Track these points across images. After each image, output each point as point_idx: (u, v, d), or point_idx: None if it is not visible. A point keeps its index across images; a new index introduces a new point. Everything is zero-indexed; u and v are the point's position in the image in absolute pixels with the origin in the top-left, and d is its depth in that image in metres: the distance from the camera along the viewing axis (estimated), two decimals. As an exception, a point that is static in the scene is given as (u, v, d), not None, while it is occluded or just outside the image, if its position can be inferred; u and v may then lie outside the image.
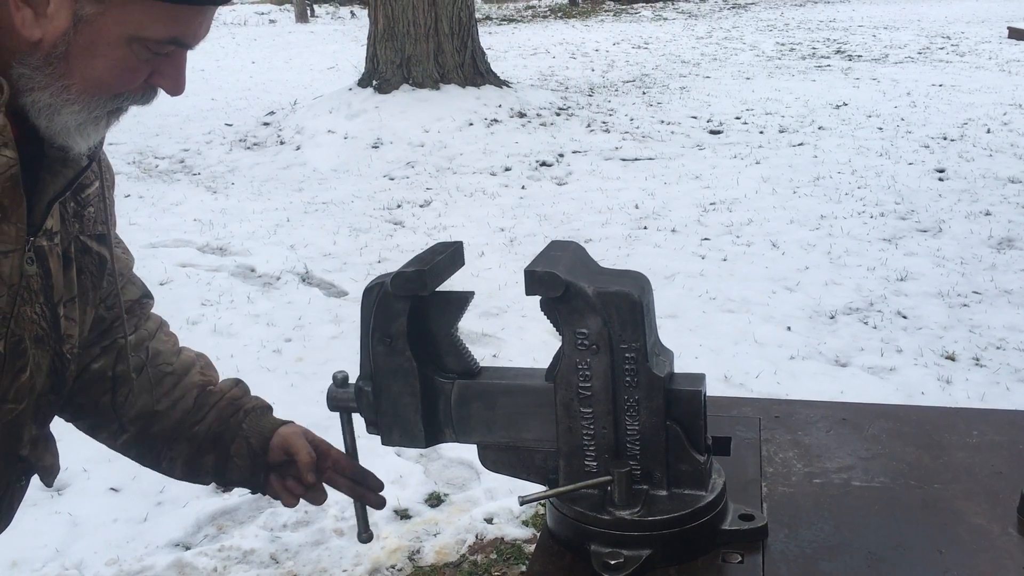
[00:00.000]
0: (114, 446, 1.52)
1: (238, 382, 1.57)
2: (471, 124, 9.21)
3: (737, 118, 9.74)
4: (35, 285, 1.21)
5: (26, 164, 1.13)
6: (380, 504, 1.51)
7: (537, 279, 1.14)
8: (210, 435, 1.49)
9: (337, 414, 1.38)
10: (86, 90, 1.12)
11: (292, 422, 1.54)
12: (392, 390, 1.26)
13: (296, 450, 1.47)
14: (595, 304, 1.14)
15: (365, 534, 1.48)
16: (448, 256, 1.25)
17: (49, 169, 1.18)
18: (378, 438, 1.31)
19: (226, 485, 1.56)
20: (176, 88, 1.19)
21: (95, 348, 1.44)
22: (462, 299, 1.25)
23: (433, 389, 1.26)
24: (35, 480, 1.39)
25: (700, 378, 1.19)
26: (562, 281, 1.13)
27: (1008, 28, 15.24)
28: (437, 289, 1.23)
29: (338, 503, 3.30)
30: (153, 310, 1.57)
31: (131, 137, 9.74)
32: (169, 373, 1.50)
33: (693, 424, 1.17)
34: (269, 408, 1.57)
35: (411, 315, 1.22)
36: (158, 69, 1.16)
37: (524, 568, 2.96)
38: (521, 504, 1.22)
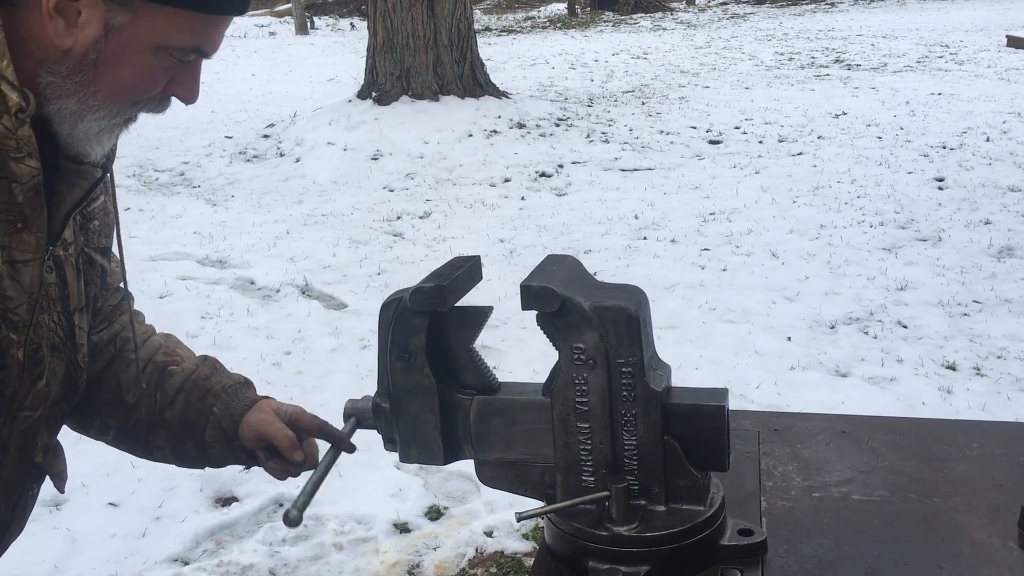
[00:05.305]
0: (107, 442, 1.50)
1: (205, 359, 1.51)
2: (470, 135, 9.22)
3: (736, 128, 9.75)
4: (53, 294, 1.23)
5: (43, 175, 1.14)
6: (351, 448, 1.41)
7: (533, 294, 1.14)
8: (183, 422, 1.45)
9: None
10: (110, 97, 1.15)
11: (262, 400, 1.47)
12: (411, 407, 1.25)
13: (271, 435, 1.41)
14: (591, 319, 1.13)
15: (297, 512, 1.22)
16: (466, 271, 1.24)
17: (65, 180, 1.20)
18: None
19: (216, 467, 1.51)
20: (191, 96, 1.22)
21: None
22: (481, 314, 1.24)
23: (452, 405, 1.25)
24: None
25: (723, 393, 1.17)
26: (558, 296, 1.13)
27: (1007, 36, 15.27)
28: (455, 304, 1.22)
29: (337, 517, 3.29)
30: (147, 321, 1.57)
31: (131, 150, 9.74)
32: (132, 360, 1.46)
33: (716, 440, 1.15)
34: (244, 384, 1.50)
35: (429, 331, 1.22)
36: (176, 78, 1.19)
37: (524, 581, 2.94)
38: (519, 520, 1.21)
